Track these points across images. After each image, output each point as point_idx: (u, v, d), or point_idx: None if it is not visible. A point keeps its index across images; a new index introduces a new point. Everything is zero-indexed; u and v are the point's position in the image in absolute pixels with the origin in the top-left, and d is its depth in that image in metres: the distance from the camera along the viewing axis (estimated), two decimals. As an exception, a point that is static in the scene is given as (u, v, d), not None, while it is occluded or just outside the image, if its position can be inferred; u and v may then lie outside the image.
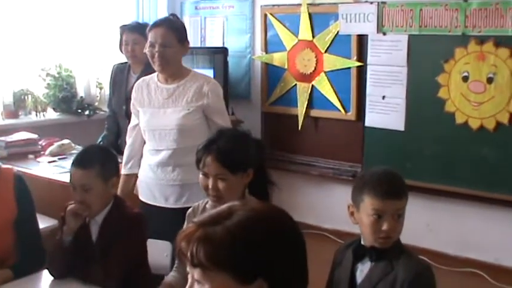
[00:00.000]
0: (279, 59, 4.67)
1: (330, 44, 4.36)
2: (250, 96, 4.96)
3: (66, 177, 2.28)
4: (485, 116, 3.74)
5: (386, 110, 4.14)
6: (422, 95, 3.99)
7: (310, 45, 4.47)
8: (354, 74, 4.28)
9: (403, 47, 4.01)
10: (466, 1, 3.71)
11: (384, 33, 4.09)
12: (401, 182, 1.85)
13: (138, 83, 2.95)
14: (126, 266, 2.17)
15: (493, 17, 3.62)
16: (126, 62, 3.88)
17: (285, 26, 4.61)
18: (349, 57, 4.28)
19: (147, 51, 2.79)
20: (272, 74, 4.77)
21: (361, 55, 4.22)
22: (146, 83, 2.90)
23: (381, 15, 4.07)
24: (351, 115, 4.35)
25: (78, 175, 2.21)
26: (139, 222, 2.28)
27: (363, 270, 1.85)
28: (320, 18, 4.40)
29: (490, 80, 3.70)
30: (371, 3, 4.11)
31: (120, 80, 3.87)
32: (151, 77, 2.92)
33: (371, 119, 4.23)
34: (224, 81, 4.56)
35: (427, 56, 3.94)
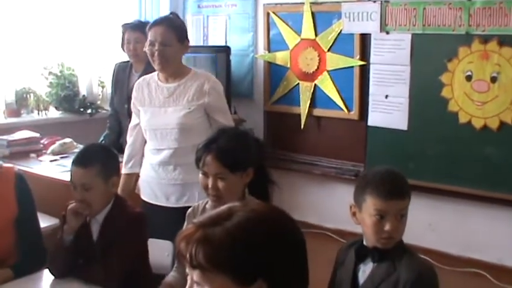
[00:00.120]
0: (281, 57, 4.66)
1: (333, 43, 4.34)
2: (253, 95, 4.95)
3: (68, 176, 2.27)
4: (488, 116, 3.72)
5: (389, 109, 4.13)
6: (426, 94, 3.97)
7: (313, 44, 4.45)
8: (356, 73, 4.27)
9: (407, 46, 3.99)
10: (469, 0, 3.69)
11: (387, 32, 4.07)
12: (404, 182, 1.84)
13: (139, 82, 2.94)
14: (127, 266, 2.16)
15: (497, 16, 3.60)
16: (128, 61, 3.88)
17: (287, 24, 4.60)
18: (352, 56, 4.26)
19: (147, 50, 2.78)
20: (275, 72, 4.76)
21: (364, 54, 4.21)
22: (147, 82, 2.89)
23: (384, 14, 4.05)
24: (354, 114, 4.34)
25: (78, 174, 2.20)
26: (140, 221, 2.27)
27: (365, 270, 1.83)
28: (323, 17, 4.38)
29: (493, 79, 3.68)
30: (374, 2, 4.09)
31: (122, 79, 3.88)
32: (151, 76, 2.90)
33: (374, 118, 4.22)
34: (227, 80, 4.55)
35: (431, 55, 3.92)
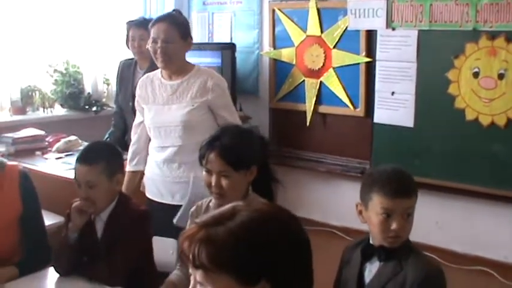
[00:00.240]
0: (287, 54, 4.64)
1: (339, 40, 4.32)
2: (258, 92, 4.93)
3: (73, 174, 2.26)
4: (496, 113, 3.69)
5: (395, 106, 4.10)
6: (432, 91, 3.94)
7: (318, 40, 4.43)
8: (362, 69, 4.24)
9: (413, 42, 3.96)
10: (477, -4, 3.67)
11: (393, 29, 4.04)
12: (411, 180, 1.82)
13: (142, 80, 2.93)
14: (131, 264, 2.16)
15: (505, 11, 3.56)
16: (133, 58, 3.88)
17: (293, 21, 4.58)
18: (357, 53, 4.24)
19: (150, 47, 2.77)
20: (280, 69, 4.74)
21: (370, 51, 4.18)
22: (150, 80, 2.88)
23: (390, 11, 4.02)
24: (360, 111, 4.32)
25: (82, 171, 2.19)
26: (144, 219, 2.26)
27: (372, 270, 1.82)
28: (328, 13, 4.36)
29: (501, 76, 3.64)
30: (380, -2, 4.07)
31: (126, 76, 3.87)
32: (155, 73, 2.89)
33: (380, 115, 4.19)
34: (232, 77, 4.54)
35: (437, 52, 3.88)
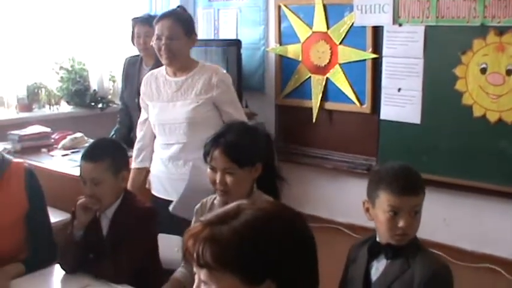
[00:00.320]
0: (293, 51, 4.62)
1: (345, 36, 4.29)
2: (264, 88, 4.91)
3: (79, 171, 2.26)
4: (504, 109, 3.65)
5: (402, 102, 4.07)
6: (439, 87, 3.91)
7: (324, 37, 4.41)
8: (369, 66, 4.22)
9: (420, 38, 3.93)
10: (484, -9, 3.64)
11: (400, 25, 4.01)
12: (418, 178, 1.81)
13: (147, 77, 2.92)
14: (136, 263, 2.15)
15: (513, 7, 3.53)
16: (139, 55, 3.87)
17: (299, 17, 4.56)
18: (364, 49, 4.21)
19: (154, 44, 2.76)
20: (286, 66, 4.72)
21: (377, 47, 4.15)
22: (155, 77, 2.87)
23: (396, 6, 3.99)
24: (366, 108, 4.29)
25: (88, 168, 2.19)
26: (149, 217, 2.26)
27: (378, 268, 1.80)
28: (335, 9, 4.33)
29: (509, 72, 3.61)
30: (387, -6, 4.04)
31: (132, 73, 3.87)
32: (159, 70, 2.88)
33: (386, 112, 4.16)
34: (238, 74, 4.53)
35: (444, 48, 3.85)
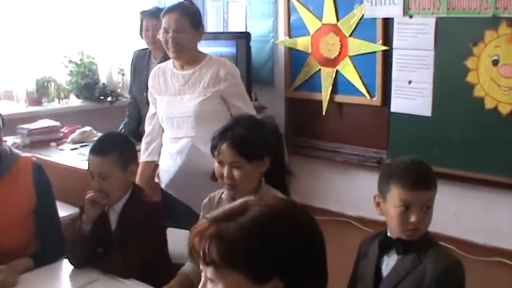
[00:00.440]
0: (302, 43, 4.59)
1: (355, 28, 4.26)
2: (274, 81, 4.89)
3: (87, 165, 2.25)
4: (516, 101, 3.62)
5: (413, 95, 4.04)
6: (450, 79, 3.87)
7: (334, 29, 4.37)
8: (379, 58, 4.18)
9: (430, 30, 3.88)
10: (496, -19, 3.58)
11: (410, 16, 3.97)
12: (430, 172, 1.78)
13: (154, 71, 2.91)
14: (145, 258, 2.14)
15: (526, -3, 3.48)
16: (147, 48, 3.86)
17: (308, 9, 4.52)
18: (374, 41, 4.18)
19: (161, 38, 2.75)
20: (296, 58, 4.69)
21: (387, 39, 4.12)
22: (162, 70, 2.86)
23: (407, -2, 3.96)
24: (376, 100, 4.26)
25: (96, 163, 2.18)
26: (157, 211, 2.24)
27: (389, 263, 1.78)
28: (344, 1, 4.30)
29: (521, 64, 3.57)
30: (397, -15, 3.99)
31: (140, 66, 3.85)
32: (166, 64, 2.87)
33: (397, 105, 4.13)
34: (247, 67, 4.52)
35: (455, 39, 3.81)
